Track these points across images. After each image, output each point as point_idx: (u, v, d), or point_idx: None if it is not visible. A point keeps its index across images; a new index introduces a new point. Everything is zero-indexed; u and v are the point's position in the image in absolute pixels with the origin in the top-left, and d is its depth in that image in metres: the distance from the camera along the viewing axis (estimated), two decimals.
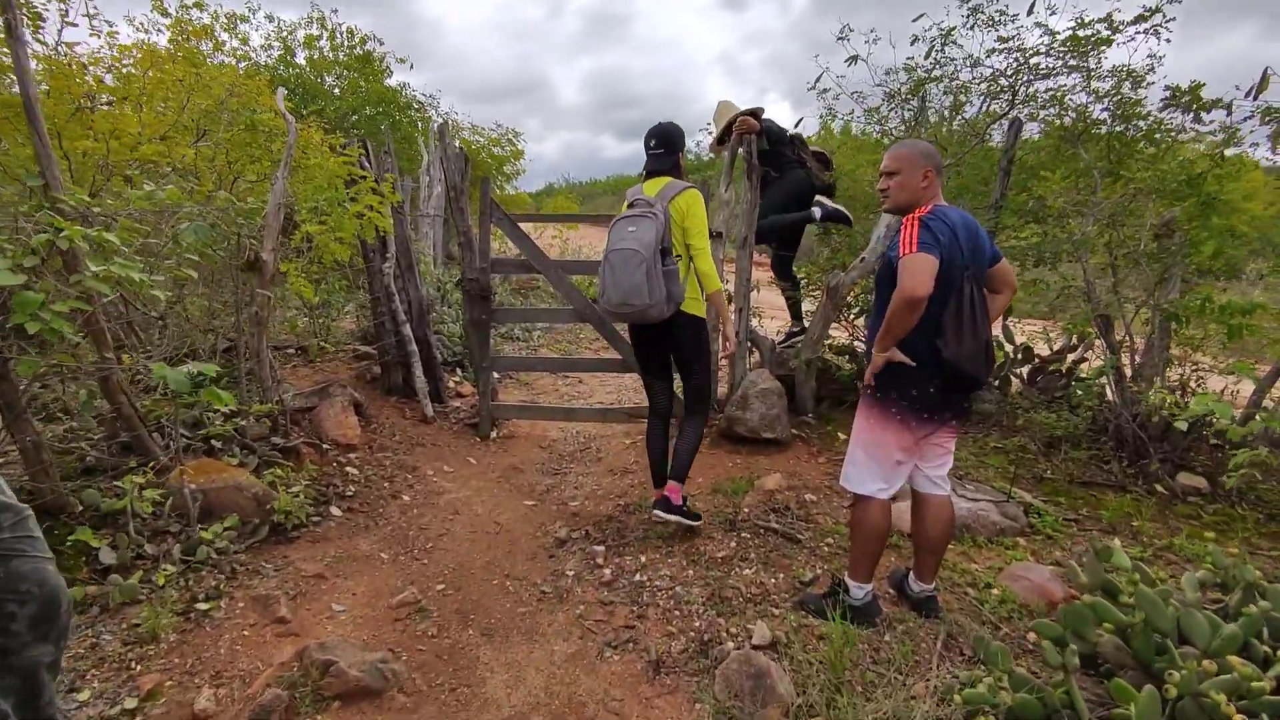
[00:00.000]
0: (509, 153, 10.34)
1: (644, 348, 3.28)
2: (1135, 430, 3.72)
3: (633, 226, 2.93)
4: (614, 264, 2.90)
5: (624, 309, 2.93)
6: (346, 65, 9.73)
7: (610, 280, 2.92)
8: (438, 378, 4.95)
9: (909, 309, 2.26)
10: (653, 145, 3.14)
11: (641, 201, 3.03)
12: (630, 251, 2.86)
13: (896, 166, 2.50)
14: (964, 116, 4.47)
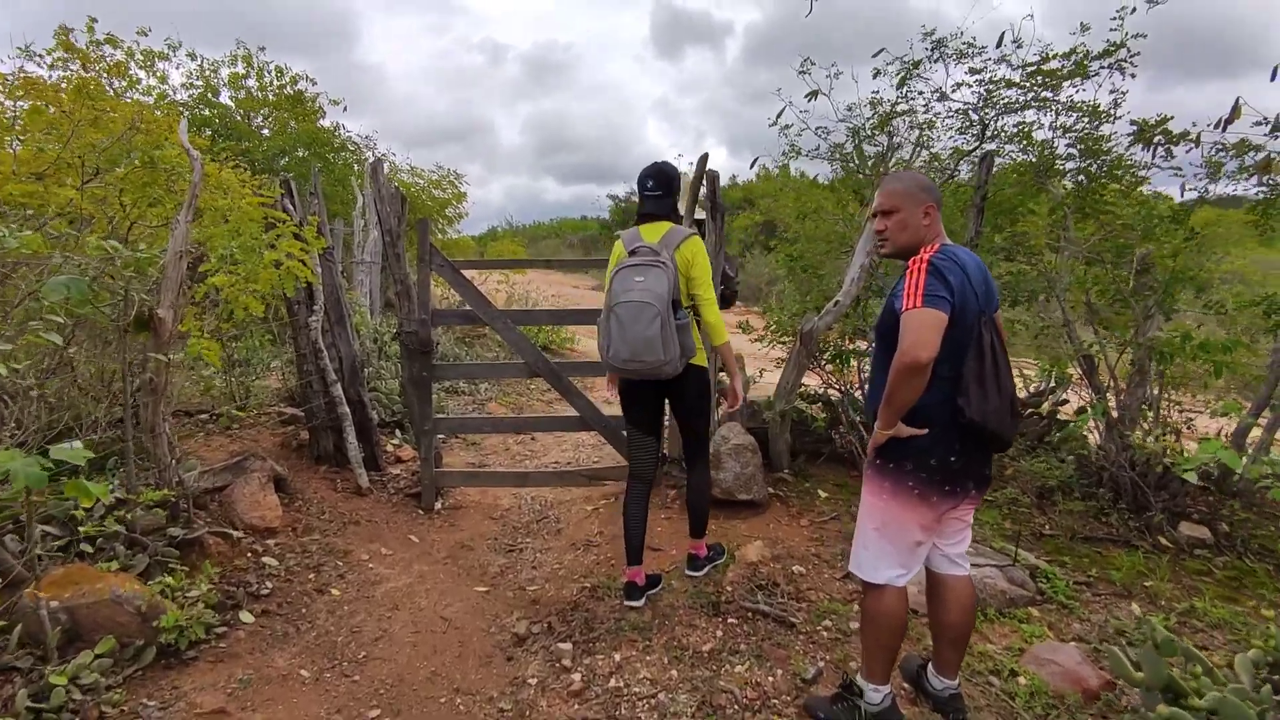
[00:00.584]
0: (450, 195, 9.92)
1: (638, 402, 2.99)
2: (1134, 479, 3.49)
3: (640, 276, 2.68)
4: (622, 317, 2.67)
5: (633, 365, 2.71)
6: (275, 105, 9.21)
7: (618, 334, 2.69)
8: (374, 442, 4.43)
9: (911, 375, 1.94)
10: (650, 186, 2.92)
11: (646, 249, 2.77)
12: (642, 304, 2.64)
13: (893, 204, 2.20)
14: (930, 150, 4.31)
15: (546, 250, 29.59)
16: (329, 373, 4.12)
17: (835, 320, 3.99)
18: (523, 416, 4.33)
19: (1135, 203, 3.76)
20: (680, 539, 3.65)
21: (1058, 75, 3.63)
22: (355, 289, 6.72)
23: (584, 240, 30.25)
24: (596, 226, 31.30)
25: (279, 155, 8.62)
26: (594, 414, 4.20)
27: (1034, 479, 3.87)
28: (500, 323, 4.05)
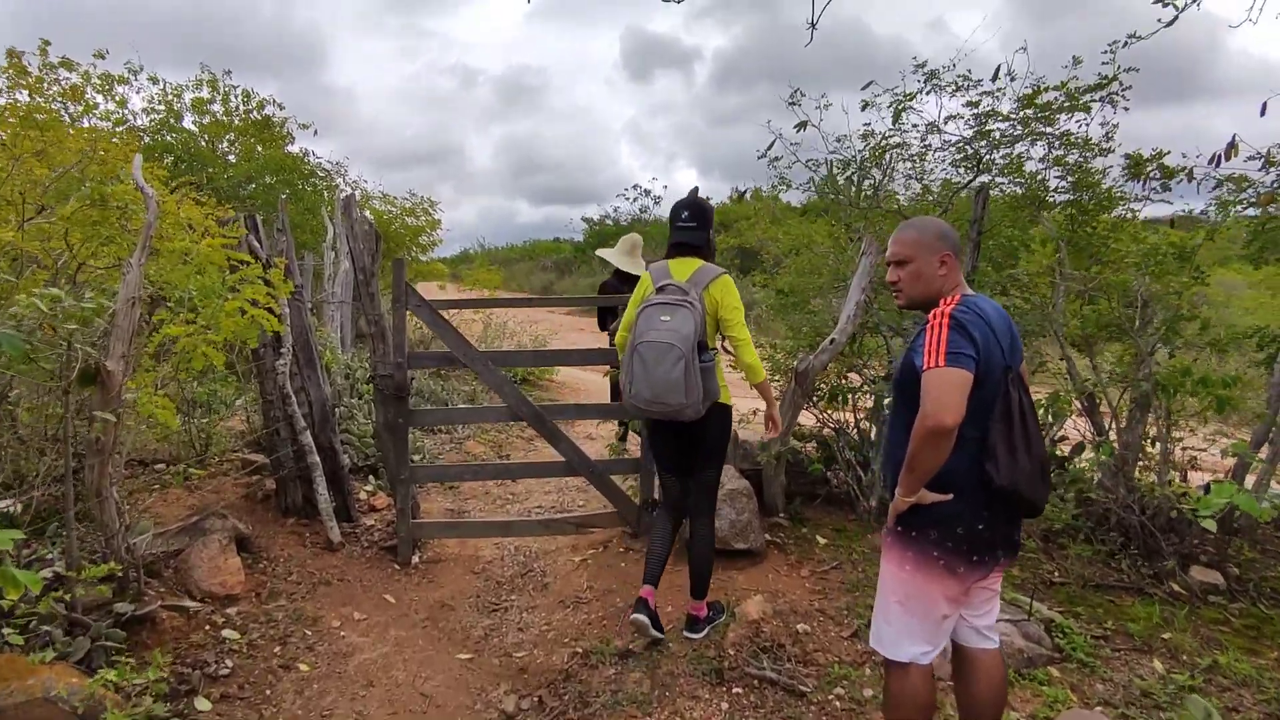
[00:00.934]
0: (424, 222, 9.69)
1: (664, 442, 3.00)
2: (1144, 523, 3.38)
3: (666, 315, 2.66)
4: (645, 357, 2.65)
5: (655, 407, 2.70)
6: (241, 130, 8.92)
7: (641, 375, 2.67)
8: (346, 491, 4.16)
9: (935, 440, 1.79)
10: (684, 217, 2.89)
11: (674, 287, 2.75)
12: (666, 346, 2.61)
13: (907, 254, 2.06)
14: (922, 183, 4.23)
15: (520, 273, 29.36)
16: (297, 419, 3.86)
17: (831, 359, 3.86)
18: (505, 463, 4.11)
19: (1137, 240, 3.70)
20: (671, 595, 3.45)
21: (1052, 108, 3.56)
22: (325, 325, 6.44)
23: (558, 263, 30.08)
24: (570, 249, 31.13)
25: (245, 182, 8.32)
26: (580, 459, 4.00)
27: (1039, 522, 3.74)
28: (481, 365, 3.84)
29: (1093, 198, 4.11)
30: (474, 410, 4.06)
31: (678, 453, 2.96)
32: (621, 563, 3.83)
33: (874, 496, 4.07)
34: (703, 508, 3.00)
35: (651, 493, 4.11)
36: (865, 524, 4.05)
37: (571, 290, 23.75)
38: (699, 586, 3.02)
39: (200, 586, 3.06)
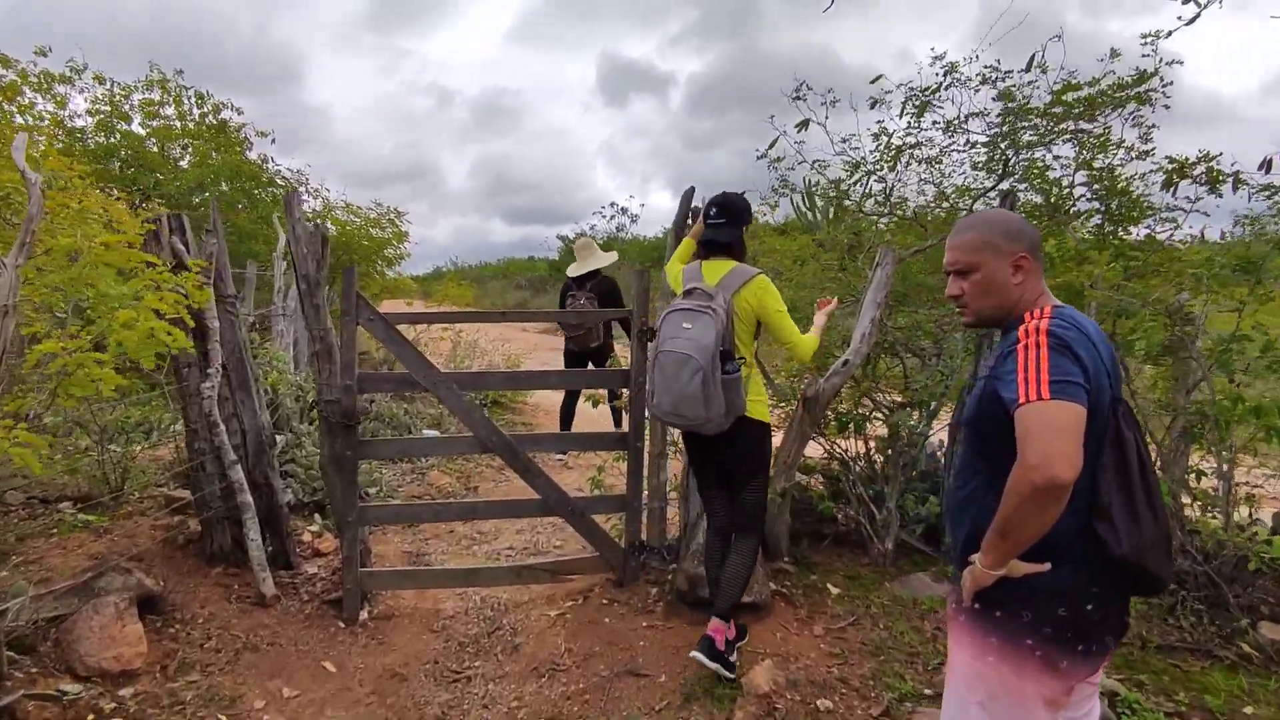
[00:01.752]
0: (390, 234, 9.14)
1: (700, 457, 2.88)
2: (1209, 574, 2.96)
3: (688, 323, 2.52)
4: (665, 367, 2.54)
5: (675, 419, 2.62)
6: (194, 135, 8.32)
7: (661, 385, 2.57)
8: (284, 534, 3.59)
9: (1045, 500, 1.34)
10: (713, 214, 2.77)
11: (700, 291, 2.59)
12: (684, 357, 2.47)
13: (970, 259, 1.62)
14: (938, 187, 3.83)
15: (494, 291, 28.76)
16: (226, 451, 3.30)
17: (844, 382, 3.41)
18: (470, 502, 3.59)
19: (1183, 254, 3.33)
20: (663, 657, 2.96)
21: (1097, 101, 3.18)
22: (274, 340, 5.86)
23: (532, 281, 29.52)
24: (545, 267, 30.59)
25: (196, 189, 7.72)
26: (558, 497, 3.49)
27: None
28: (444, 389, 3.32)
29: (1121, 206, 3.74)
30: (436, 441, 3.54)
31: (717, 471, 2.83)
32: (605, 618, 3.30)
33: (890, 538, 3.62)
34: (748, 526, 2.79)
35: (638, 534, 3.61)
36: (881, 570, 3.58)
37: (548, 308, 23.23)
38: (726, 600, 2.71)
39: (88, 662, 2.48)
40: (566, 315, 4.83)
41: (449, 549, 4.25)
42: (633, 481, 3.57)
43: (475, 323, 6.73)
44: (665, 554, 3.64)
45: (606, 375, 3.58)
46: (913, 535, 3.72)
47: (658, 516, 3.63)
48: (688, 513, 3.60)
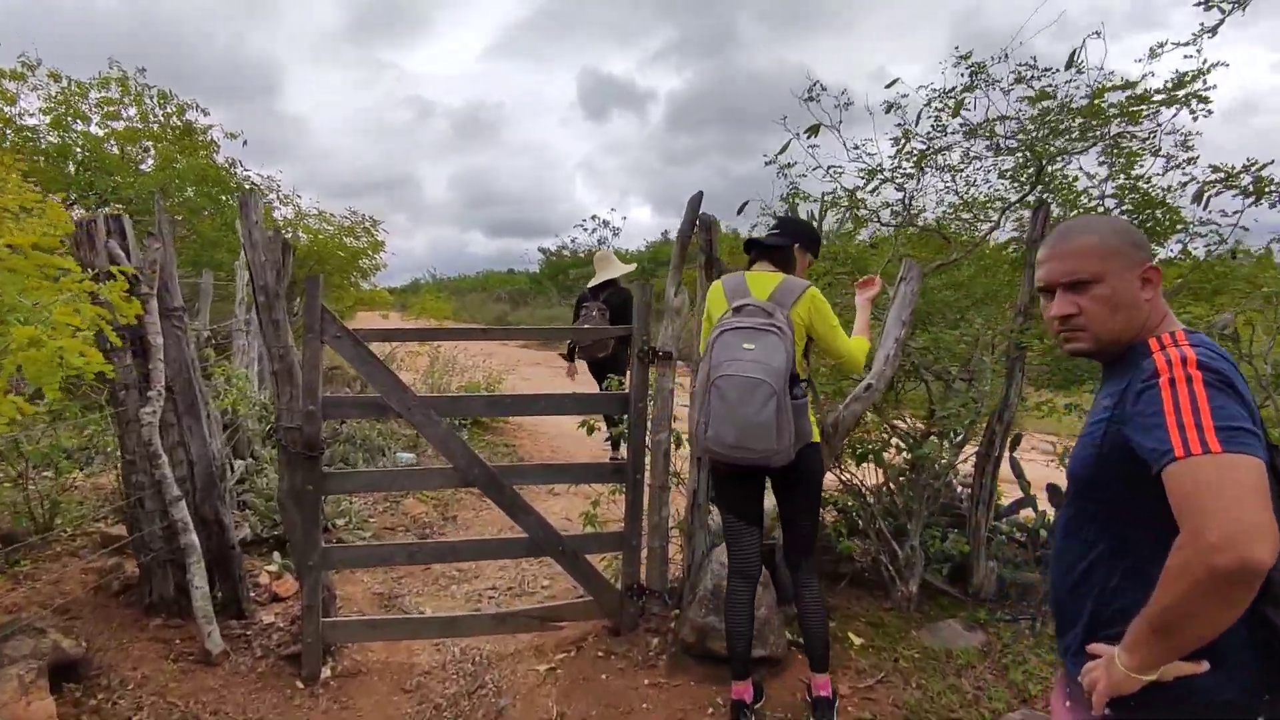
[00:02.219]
0: (366, 244, 8.71)
1: (739, 487, 2.53)
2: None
3: (750, 343, 2.24)
4: (726, 394, 2.23)
5: (738, 453, 2.26)
6: (157, 137, 7.85)
7: (722, 415, 2.24)
8: (237, 578, 3.17)
9: (1230, 589, 1.03)
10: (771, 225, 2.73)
11: (754, 307, 2.31)
12: (754, 382, 2.18)
13: (1095, 270, 1.30)
14: (962, 196, 3.54)
15: (472, 304, 28.28)
16: (169, 485, 2.88)
17: (865, 409, 3.09)
18: (450, 542, 3.21)
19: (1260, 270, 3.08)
20: (676, 713, 2.59)
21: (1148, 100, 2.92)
22: (236, 355, 5.41)
23: (512, 294, 29.09)
24: (525, 280, 30.23)
25: (157, 193, 7.24)
26: (547, 534, 3.12)
27: None
28: (420, 415, 2.94)
29: (1155, 220, 3.49)
30: (411, 474, 3.15)
31: (756, 502, 2.54)
32: (602, 674, 2.93)
33: (914, 579, 3.29)
34: (805, 562, 2.54)
35: (637, 576, 3.25)
36: (906, 615, 3.25)
37: (528, 322, 22.80)
38: (822, 657, 2.52)
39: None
40: (555, 332, 4.48)
41: (424, 589, 3.84)
42: (632, 518, 3.21)
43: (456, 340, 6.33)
44: (667, 598, 3.28)
45: (604, 400, 3.22)
46: (938, 576, 3.39)
47: (659, 557, 3.27)
48: (692, 553, 3.25)
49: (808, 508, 2.52)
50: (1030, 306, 3.25)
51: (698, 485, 3.24)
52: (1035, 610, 3.27)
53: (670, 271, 3.18)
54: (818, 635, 2.50)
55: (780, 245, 2.52)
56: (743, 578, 2.57)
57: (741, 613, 2.54)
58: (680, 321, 3.18)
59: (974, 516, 3.38)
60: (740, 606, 2.54)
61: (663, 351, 3.15)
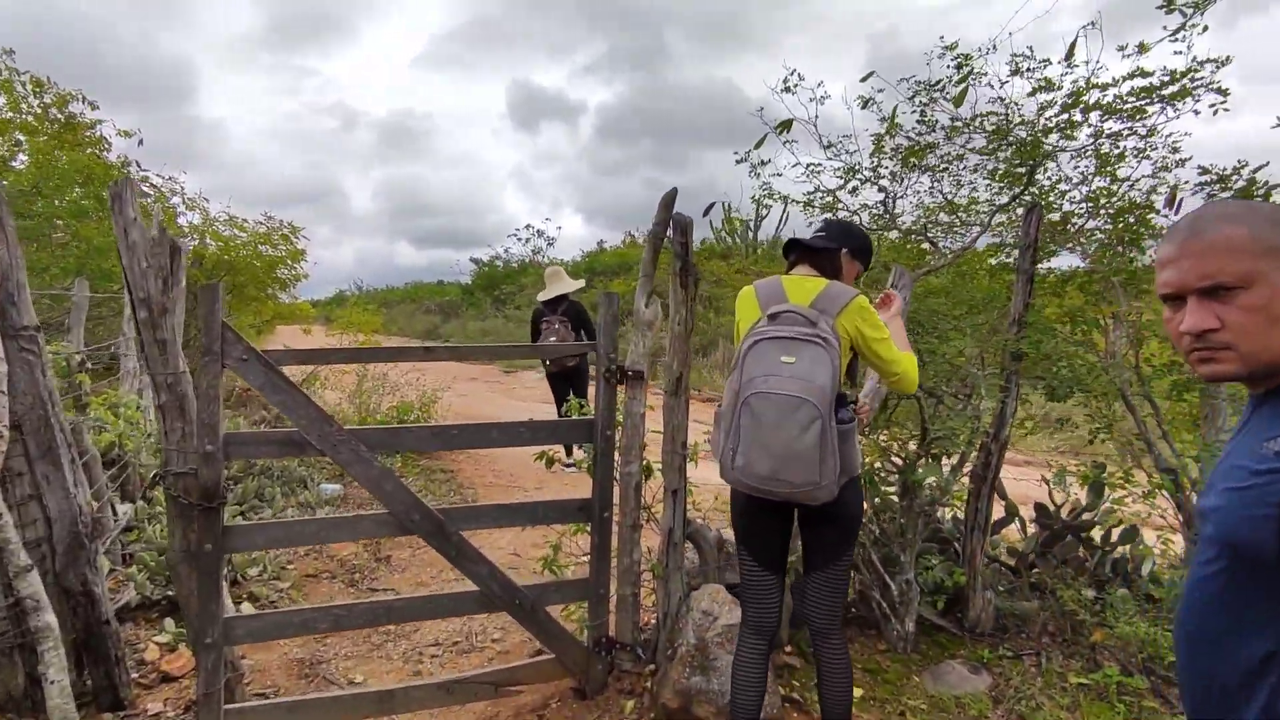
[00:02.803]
0: (285, 252, 7.97)
1: (765, 524, 2.14)
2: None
3: (790, 355, 1.88)
4: (761, 415, 1.87)
5: (772, 485, 1.88)
6: (30, 129, 6.92)
7: (754, 439, 1.88)
8: (112, 659, 2.58)
9: None
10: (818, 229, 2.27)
11: (795, 314, 1.95)
12: (794, 401, 1.83)
13: (1245, 271, 0.98)
14: (947, 196, 3.30)
15: (401, 316, 27.13)
16: (14, 552, 2.28)
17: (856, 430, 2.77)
18: (384, 602, 2.69)
19: None
20: None
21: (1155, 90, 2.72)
22: (123, 381, 4.70)
23: (443, 306, 28.05)
24: (457, 291, 29.19)
25: (33, 194, 6.36)
26: (502, 586, 2.68)
27: (1137, 647, 2.78)
28: (347, 452, 2.45)
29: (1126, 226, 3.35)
30: (337, 523, 2.62)
31: (782, 543, 2.17)
32: None
33: (910, 616, 2.99)
34: (830, 619, 2.14)
35: (606, 629, 2.84)
36: (905, 658, 2.95)
37: (459, 334, 21.97)
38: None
39: None
40: (513, 350, 4.04)
41: (354, 650, 3.30)
42: (598, 562, 2.80)
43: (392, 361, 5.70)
44: (640, 652, 2.88)
45: (566, 428, 2.80)
46: (931, 609, 3.11)
47: (630, 606, 2.86)
48: (667, 599, 2.86)
49: (843, 553, 2.11)
50: (1024, 315, 3.02)
51: (673, 523, 2.85)
52: (1037, 644, 3.02)
53: (640, 280, 2.79)
54: (839, 703, 2.12)
55: (827, 249, 2.14)
56: (758, 634, 2.19)
57: (752, 674, 2.16)
58: (652, 336, 2.79)
59: (969, 543, 3.12)
60: (751, 667, 2.16)
61: (632, 371, 2.76)
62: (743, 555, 2.19)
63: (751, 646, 2.18)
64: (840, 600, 2.19)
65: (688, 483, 2.89)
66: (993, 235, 3.30)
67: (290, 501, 4.76)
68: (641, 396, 2.80)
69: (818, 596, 2.13)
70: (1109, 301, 3.28)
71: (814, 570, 2.13)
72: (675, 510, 2.86)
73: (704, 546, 3.06)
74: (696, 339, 13.13)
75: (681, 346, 2.83)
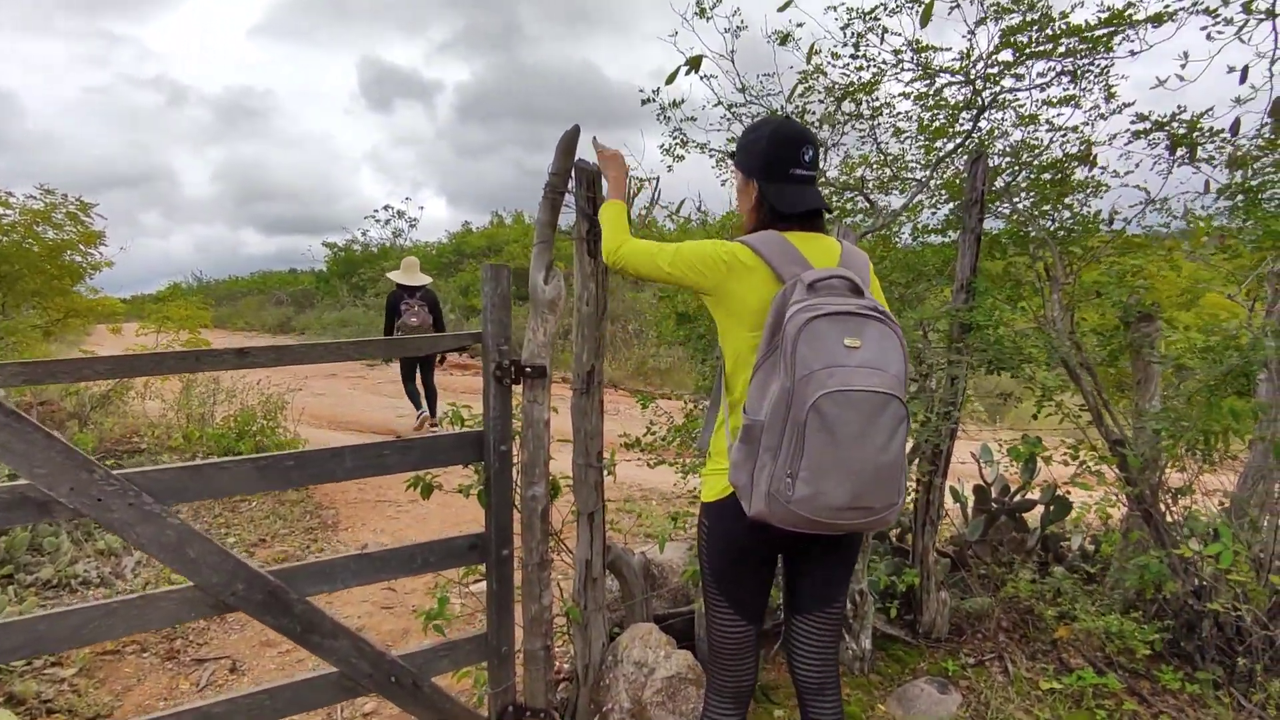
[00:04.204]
0: (75, 235, 6.47)
1: (766, 566, 1.68)
2: (1272, 637, 2.31)
3: (854, 339, 1.37)
4: (836, 424, 1.32)
5: (844, 519, 1.38)
6: None
7: (833, 459, 1.33)
8: None
9: None
10: (808, 159, 1.60)
11: (843, 281, 1.46)
12: (880, 399, 1.35)
13: None
14: (879, 146, 2.91)
15: (248, 308, 24.44)
16: None
17: None
18: (200, 710, 1.94)
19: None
20: None
21: (1123, 19, 2.41)
22: None
23: (295, 295, 25.52)
24: (311, 280, 26.66)
25: None
26: (372, 663, 2.00)
27: (1104, 640, 2.55)
28: (121, 508, 1.67)
29: (1052, 184, 3.14)
30: (117, 610, 1.82)
31: (768, 587, 1.72)
32: None
33: (865, 632, 2.61)
34: (833, 671, 1.73)
35: (513, 695, 2.24)
36: (864, 680, 2.56)
37: (316, 326, 19.97)
38: None
39: None
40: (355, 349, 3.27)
41: None
42: (499, 614, 2.19)
43: (184, 372, 4.61)
44: (559, 718, 2.30)
45: (446, 446, 2.13)
46: (884, 618, 2.76)
47: (542, 662, 2.27)
48: (588, 649, 2.30)
49: (846, 585, 1.71)
50: (973, 277, 2.69)
51: (590, 553, 2.29)
52: (996, 644, 2.74)
53: (535, 248, 2.17)
54: None
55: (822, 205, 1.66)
56: (737, 703, 1.73)
57: None
58: (555, 320, 2.18)
59: (920, 540, 2.79)
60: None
61: (531, 367, 2.14)
62: (721, 606, 1.68)
63: (726, 715, 1.71)
64: (837, 646, 1.79)
65: (603, 504, 2.33)
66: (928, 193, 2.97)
67: (84, 551, 3.72)
68: (544, 398, 2.19)
69: (821, 644, 1.69)
70: (1042, 260, 3.04)
71: (815, 611, 1.68)
72: (592, 537, 2.30)
73: (627, 575, 2.52)
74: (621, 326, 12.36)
75: (592, 332, 2.26)
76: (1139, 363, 3.08)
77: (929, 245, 3.08)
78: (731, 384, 1.62)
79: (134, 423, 6.20)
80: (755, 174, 1.63)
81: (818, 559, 1.65)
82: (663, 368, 11.18)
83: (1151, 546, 2.65)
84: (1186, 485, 2.70)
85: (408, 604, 3.42)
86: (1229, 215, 2.79)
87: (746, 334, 1.55)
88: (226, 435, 5.59)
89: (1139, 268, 2.90)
